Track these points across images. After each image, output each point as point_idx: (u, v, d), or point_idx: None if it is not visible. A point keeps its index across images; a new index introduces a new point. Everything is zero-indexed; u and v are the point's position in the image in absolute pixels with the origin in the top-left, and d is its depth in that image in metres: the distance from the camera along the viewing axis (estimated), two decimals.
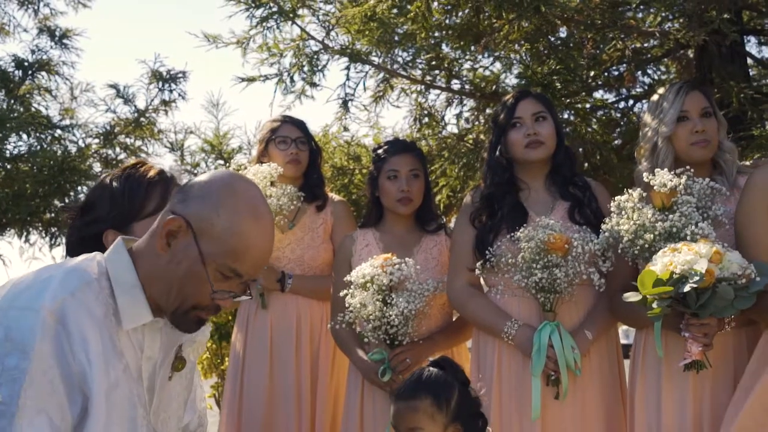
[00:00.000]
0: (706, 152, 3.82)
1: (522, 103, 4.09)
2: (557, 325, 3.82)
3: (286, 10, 5.61)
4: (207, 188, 2.24)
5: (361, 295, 4.04)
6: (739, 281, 3.31)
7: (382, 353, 4.12)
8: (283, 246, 4.80)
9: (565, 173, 4.10)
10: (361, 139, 6.69)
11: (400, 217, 4.45)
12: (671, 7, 5.37)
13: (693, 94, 3.86)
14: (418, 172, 4.42)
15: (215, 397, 7.43)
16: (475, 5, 4.98)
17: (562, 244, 3.73)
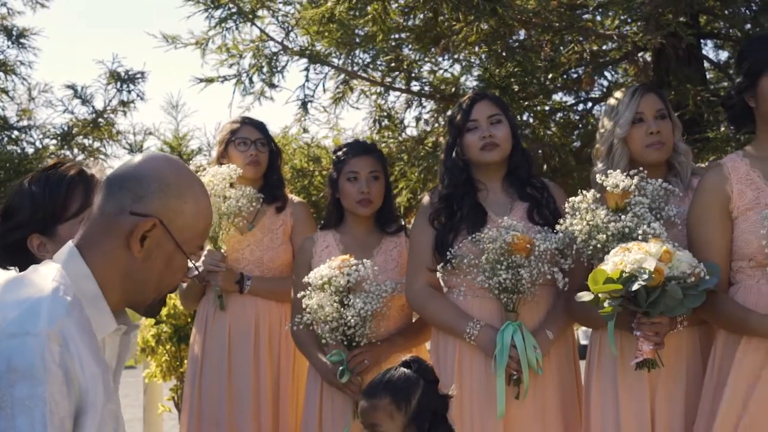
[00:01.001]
0: (661, 154, 3.86)
1: (478, 106, 4.11)
2: (519, 325, 3.84)
3: (246, 11, 5.61)
4: (161, 178, 2.20)
5: (318, 296, 4.04)
6: (689, 280, 3.35)
7: (341, 355, 4.13)
8: (242, 247, 4.80)
9: (521, 175, 4.13)
10: (321, 141, 6.69)
11: (360, 219, 4.46)
12: (629, 11, 5.40)
13: (648, 97, 3.90)
14: (378, 174, 4.43)
15: (174, 401, 7.40)
16: (433, 7, 4.99)
17: (524, 245, 3.76)
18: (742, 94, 3.56)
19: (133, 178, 2.20)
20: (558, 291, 3.89)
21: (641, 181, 3.66)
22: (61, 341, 2.02)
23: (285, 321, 4.61)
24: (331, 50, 5.77)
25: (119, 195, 2.19)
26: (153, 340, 7.28)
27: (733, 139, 5.04)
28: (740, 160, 3.57)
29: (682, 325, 3.53)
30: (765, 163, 3.53)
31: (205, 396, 4.71)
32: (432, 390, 3.28)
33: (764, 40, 3.68)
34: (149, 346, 7.34)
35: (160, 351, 7.34)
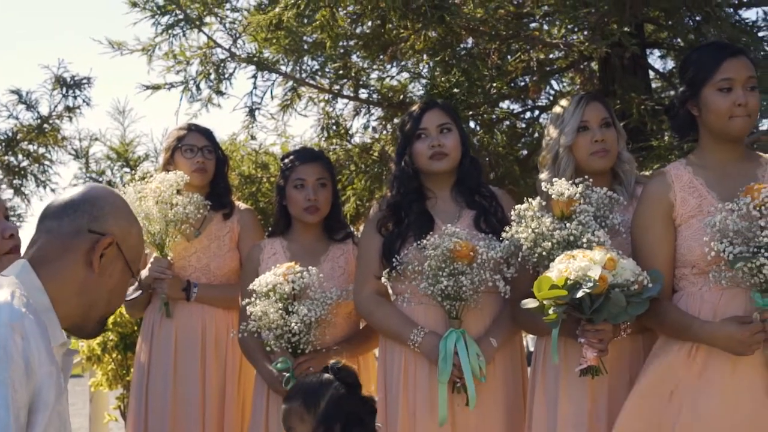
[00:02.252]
0: (605, 162, 3.90)
1: (427, 114, 4.12)
2: (463, 333, 3.85)
3: (193, 18, 5.58)
4: (112, 202, 2.40)
5: (262, 303, 4.03)
6: (632, 288, 3.39)
7: (287, 362, 4.12)
8: (189, 255, 4.78)
9: (470, 183, 4.15)
10: (269, 148, 6.67)
11: (307, 226, 4.45)
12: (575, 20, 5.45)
13: (593, 105, 3.94)
14: (325, 182, 4.43)
15: (120, 410, 7.33)
16: (381, 15, 5.00)
17: (467, 252, 3.77)
18: (685, 103, 3.60)
19: (87, 202, 2.38)
20: (504, 298, 3.90)
21: (586, 190, 3.69)
22: (23, 334, 2.14)
23: (232, 328, 4.59)
24: (279, 57, 5.76)
25: (74, 216, 2.36)
26: (99, 349, 7.20)
27: (677, 148, 5.10)
28: (683, 168, 3.61)
29: (625, 333, 3.57)
30: (708, 171, 3.57)
31: (151, 404, 4.68)
32: (348, 393, 3.33)
33: (707, 49, 3.72)
34: (95, 355, 7.26)
35: (106, 359, 7.26)
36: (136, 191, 4.61)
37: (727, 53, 3.57)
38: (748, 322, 3.33)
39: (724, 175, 3.55)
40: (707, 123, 3.56)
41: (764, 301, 3.27)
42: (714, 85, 3.51)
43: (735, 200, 3.39)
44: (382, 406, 4.06)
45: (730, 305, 3.42)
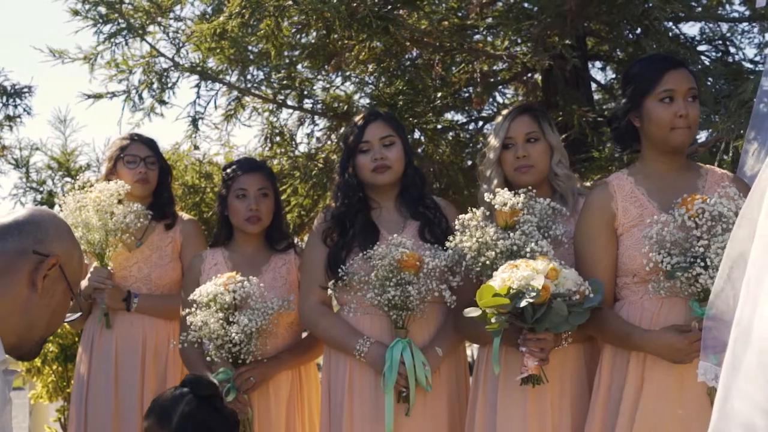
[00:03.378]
0: (529, 177, 3.91)
1: (370, 127, 4.12)
2: (409, 342, 3.85)
3: (135, 27, 5.54)
4: (55, 225, 2.40)
5: (203, 313, 4.01)
6: (574, 297, 3.41)
7: (227, 373, 4.09)
8: (130, 265, 4.74)
9: (414, 193, 4.15)
10: (213, 158, 6.65)
11: (249, 236, 4.44)
12: (518, 32, 5.49)
13: (519, 120, 3.97)
14: (267, 191, 4.42)
15: (61, 422, 7.25)
16: (326, 25, 5.00)
17: (414, 262, 3.78)
18: (627, 114, 3.64)
19: (31, 223, 2.38)
20: (448, 308, 3.91)
21: (530, 200, 3.71)
22: None
23: (173, 339, 4.55)
24: (224, 67, 5.74)
25: (19, 237, 2.36)
26: (39, 361, 7.12)
27: (617, 159, 5.15)
28: (625, 178, 3.65)
29: (567, 342, 3.59)
30: (649, 181, 3.61)
31: (91, 416, 4.63)
32: (202, 406, 3.32)
33: (649, 61, 3.77)
34: (35, 367, 7.18)
35: (46, 371, 7.19)
36: (76, 200, 4.56)
37: (669, 65, 3.61)
38: (687, 330, 3.37)
39: (665, 186, 3.59)
40: (649, 134, 3.59)
41: (702, 310, 3.30)
42: (656, 97, 3.55)
43: (671, 211, 3.44)
44: (326, 416, 4.06)
45: (670, 314, 3.46)
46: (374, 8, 4.69)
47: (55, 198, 6.35)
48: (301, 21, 5.16)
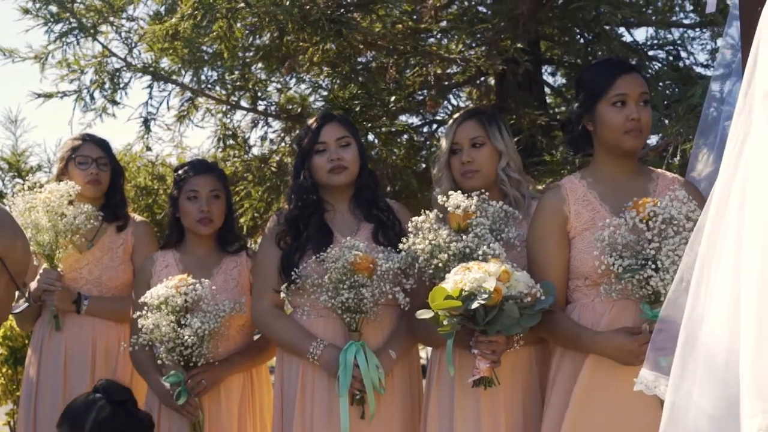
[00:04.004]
0: (474, 182, 3.92)
1: (326, 128, 4.11)
2: (362, 345, 3.85)
3: (87, 26, 5.49)
4: None
5: (154, 316, 3.98)
6: (525, 300, 3.43)
7: (178, 376, 4.07)
8: (81, 266, 4.69)
9: (368, 196, 4.15)
10: (166, 159, 6.61)
11: (200, 238, 4.42)
12: (472, 35, 5.51)
13: (465, 125, 3.99)
14: (218, 193, 4.41)
15: (10, 425, 7.17)
16: (279, 27, 4.98)
17: (367, 264, 3.77)
18: (580, 118, 3.66)
19: None
20: (402, 311, 3.91)
21: (483, 203, 3.72)
22: None
23: (123, 342, 4.51)
24: (178, 67, 5.71)
25: None
26: None
27: (569, 163, 5.19)
28: (578, 182, 3.67)
29: (518, 344, 3.60)
30: (602, 185, 3.64)
31: (40, 419, 4.58)
32: (115, 411, 3.29)
33: (601, 66, 3.80)
34: None
35: None
36: (26, 201, 4.51)
37: (621, 70, 3.64)
38: (637, 332, 3.39)
39: (617, 189, 3.61)
40: (601, 138, 3.62)
41: (653, 312, 3.33)
42: (608, 101, 3.58)
43: (622, 214, 3.46)
44: (279, 419, 4.05)
45: (621, 316, 3.49)
46: (327, 11, 4.68)
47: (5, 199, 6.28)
48: (254, 23, 5.14)
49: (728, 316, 2.08)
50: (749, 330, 2.01)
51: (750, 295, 2.03)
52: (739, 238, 2.09)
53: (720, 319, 2.10)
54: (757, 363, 1.97)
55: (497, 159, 3.98)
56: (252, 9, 4.80)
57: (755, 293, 2.01)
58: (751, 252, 2.03)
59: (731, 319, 2.06)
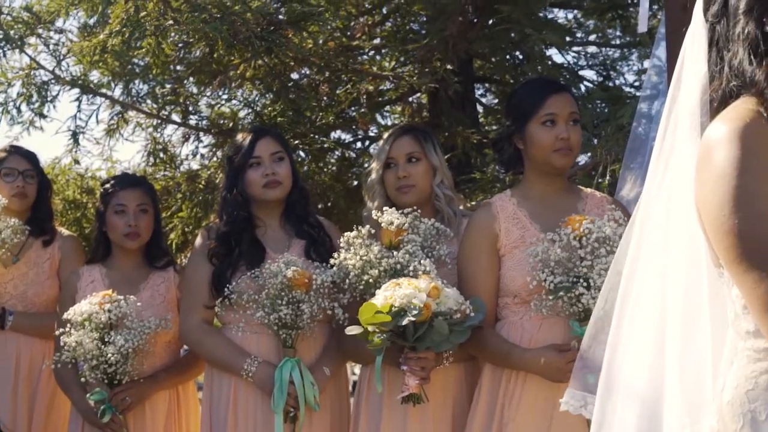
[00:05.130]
0: (410, 197, 3.92)
1: (261, 143, 4.09)
2: (298, 362, 3.83)
3: (14, 38, 5.42)
4: None
5: (77, 333, 3.92)
6: (455, 316, 3.43)
7: (102, 393, 4.02)
8: (6, 281, 4.61)
9: (299, 212, 4.14)
10: (95, 173, 6.53)
11: (127, 253, 4.37)
12: (405, 53, 5.54)
13: (402, 140, 3.99)
14: (146, 207, 4.36)
15: None
16: (208, 44, 4.96)
17: (304, 280, 3.76)
18: (511, 136, 3.68)
19: None
20: (333, 327, 3.91)
21: (415, 220, 3.73)
22: None
23: (48, 358, 4.44)
24: (108, 80, 5.65)
25: None
26: None
27: (500, 180, 5.22)
28: (508, 200, 3.69)
29: (448, 361, 3.61)
30: (532, 203, 3.66)
31: None
32: None
33: (532, 85, 3.83)
34: None
35: None
36: None
37: (552, 89, 3.68)
38: (566, 349, 3.41)
39: (547, 207, 3.64)
40: (532, 156, 3.64)
41: (582, 329, 3.35)
42: (538, 120, 3.60)
43: (556, 231, 3.48)
44: None
45: (550, 333, 3.51)
46: (257, 29, 4.66)
47: None
48: (183, 39, 5.10)
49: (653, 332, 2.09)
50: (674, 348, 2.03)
51: (674, 312, 2.04)
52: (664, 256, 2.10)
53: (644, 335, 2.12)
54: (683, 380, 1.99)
55: (432, 175, 3.99)
56: (181, 27, 4.76)
57: (680, 311, 2.03)
58: (676, 272, 2.05)
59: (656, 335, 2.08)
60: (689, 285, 2.02)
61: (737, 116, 1.88)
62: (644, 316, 2.12)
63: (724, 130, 1.87)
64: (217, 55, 5.21)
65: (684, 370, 2.01)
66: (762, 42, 1.91)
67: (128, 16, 4.72)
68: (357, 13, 5.83)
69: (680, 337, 2.03)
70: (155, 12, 4.70)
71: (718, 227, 1.85)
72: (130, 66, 5.34)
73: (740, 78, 1.94)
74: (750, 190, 1.81)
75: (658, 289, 2.10)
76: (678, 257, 2.05)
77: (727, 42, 1.97)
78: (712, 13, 2.01)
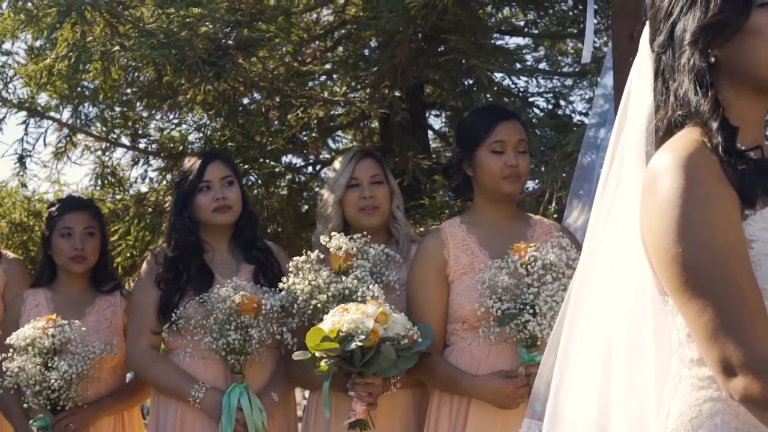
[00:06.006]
0: (373, 219, 3.93)
1: (211, 167, 4.06)
2: (246, 387, 3.81)
3: None
4: None
5: (20, 358, 3.87)
6: (403, 342, 3.43)
7: (45, 420, 3.96)
8: None
9: (248, 236, 4.12)
10: (43, 195, 6.46)
11: (73, 277, 4.32)
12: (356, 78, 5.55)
13: (365, 162, 3.99)
14: (93, 230, 4.32)
15: None
16: (156, 69, 4.93)
17: (252, 305, 3.74)
18: (461, 163, 3.70)
19: None
20: (281, 353, 3.89)
21: (364, 246, 3.73)
22: None
23: None
24: (56, 103, 5.61)
25: None
26: None
27: (449, 207, 5.24)
28: (457, 226, 3.70)
29: (395, 387, 3.60)
30: (481, 229, 3.68)
31: None
32: None
33: (482, 112, 3.85)
34: None
35: None
36: None
37: (501, 117, 3.70)
38: (513, 376, 3.43)
39: (496, 234, 3.66)
40: (481, 183, 3.66)
41: (530, 356, 3.38)
42: (487, 147, 3.62)
43: (504, 258, 3.50)
44: None
45: (498, 360, 3.52)
46: (204, 54, 4.64)
47: None
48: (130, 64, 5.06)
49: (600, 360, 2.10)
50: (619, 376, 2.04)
51: (620, 339, 2.06)
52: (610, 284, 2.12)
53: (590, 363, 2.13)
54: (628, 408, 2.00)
55: (391, 198, 4.00)
56: (128, 52, 4.73)
57: (625, 339, 2.05)
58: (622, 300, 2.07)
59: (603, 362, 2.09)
60: (635, 313, 2.04)
61: (682, 146, 1.90)
62: (591, 343, 2.13)
63: (668, 159, 1.89)
64: (165, 80, 5.18)
65: (629, 398, 2.02)
66: (707, 73, 1.93)
67: (75, 41, 4.68)
68: (308, 38, 5.84)
69: (626, 364, 2.04)
70: (102, 37, 4.66)
71: (662, 256, 1.86)
72: (79, 89, 5.29)
73: (685, 108, 1.96)
74: (693, 220, 1.83)
75: (605, 317, 2.11)
76: (624, 285, 2.07)
77: (673, 72, 1.99)
78: (658, 44, 2.03)
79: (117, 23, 4.69)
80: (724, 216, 1.84)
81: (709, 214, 1.83)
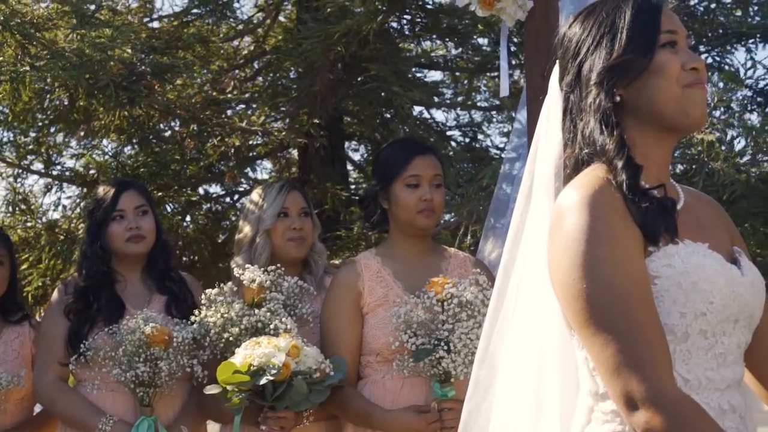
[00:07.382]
0: (300, 250, 3.93)
1: (124, 196, 4.02)
2: (155, 420, 3.76)
3: None
4: None
5: None
6: (315, 375, 3.41)
7: None
8: None
9: (161, 267, 4.08)
10: None
11: None
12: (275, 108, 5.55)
13: (294, 194, 3.98)
14: (2, 259, 4.22)
15: None
16: (69, 92, 4.86)
17: (163, 337, 3.69)
18: (377, 195, 3.70)
19: None
20: (192, 385, 3.84)
21: (277, 278, 3.71)
22: None
23: None
24: None
25: None
26: None
27: (365, 238, 5.25)
28: (373, 258, 3.71)
29: (308, 420, 3.58)
30: (396, 262, 3.68)
31: None
32: None
33: (398, 146, 3.86)
34: None
35: None
36: None
37: (417, 151, 3.72)
38: (426, 411, 3.43)
39: (411, 267, 3.67)
40: (396, 216, 3.67)
41: (443, 391, 3.40)
42: (403, 181, 3.64)
43: (420, 293, 3.50)
44: None
45: (412, 394, 3.52)
46: (117, 78, 4.59)
47: None
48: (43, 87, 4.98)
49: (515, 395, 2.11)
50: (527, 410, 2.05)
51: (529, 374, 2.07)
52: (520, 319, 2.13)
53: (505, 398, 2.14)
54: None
55: (313, 230, 3.99)
56: (39, 73, 4.65)
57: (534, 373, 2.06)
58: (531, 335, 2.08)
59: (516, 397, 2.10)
60: (543, 347, 2.06)
61: (587, 183, 1.93)
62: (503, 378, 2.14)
63: (574, 196, 1.91)
64: (79, 105, 5.10)
65: None
66: (612, 113, 1.97)
67: None
68: (228, 67, 5.82)
69: (533, 399, 2.06)
70: (12, 57, 4.59)
71: (567, 291, 1.89)
72: None
73: (591, 146, 1.99)
74: (598, 256, 1.86)
75: (515, 352, 2.12)
76: (534, 319, 2.08)
77: (580, 111, 2.02)
78: (566, 83, 2.06)
79: (29, 44, 4.61)
80: (627, 253, 1.87)
81: (613, 250, 1.86)
